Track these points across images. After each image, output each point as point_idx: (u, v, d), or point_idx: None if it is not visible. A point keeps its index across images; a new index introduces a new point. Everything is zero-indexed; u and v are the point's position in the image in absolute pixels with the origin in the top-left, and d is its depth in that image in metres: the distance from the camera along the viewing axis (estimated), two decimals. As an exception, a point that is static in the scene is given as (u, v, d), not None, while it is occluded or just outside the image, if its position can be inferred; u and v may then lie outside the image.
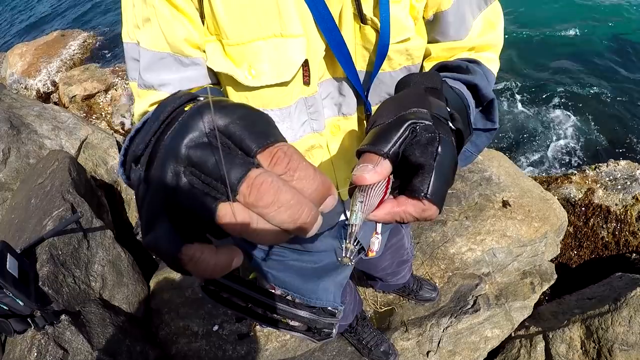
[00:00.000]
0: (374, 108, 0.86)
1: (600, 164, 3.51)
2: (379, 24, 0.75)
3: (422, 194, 0.50)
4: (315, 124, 0.85)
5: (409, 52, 0.82)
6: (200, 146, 0.39)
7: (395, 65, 0.84)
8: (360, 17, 0.75)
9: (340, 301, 1.24)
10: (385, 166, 0.52)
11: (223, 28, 0.70)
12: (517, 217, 2.48)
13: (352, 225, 0.52)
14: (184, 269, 0.39)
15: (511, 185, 2.57)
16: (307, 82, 0.78)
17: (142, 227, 0.41)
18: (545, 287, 2.38)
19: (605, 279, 2.53)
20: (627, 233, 3.14)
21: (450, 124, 0.58)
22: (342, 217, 1.06)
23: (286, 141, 0.41)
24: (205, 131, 0.39)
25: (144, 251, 2.88)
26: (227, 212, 0.37)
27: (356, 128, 0.90)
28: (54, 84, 5.12)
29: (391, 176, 0.54)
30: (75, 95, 4.62)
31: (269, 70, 0.73)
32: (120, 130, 4.47)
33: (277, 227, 0.37)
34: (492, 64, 0.85)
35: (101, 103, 4.69)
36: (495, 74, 0.85)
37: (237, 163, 0.37)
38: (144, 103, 0.78)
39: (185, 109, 0.43)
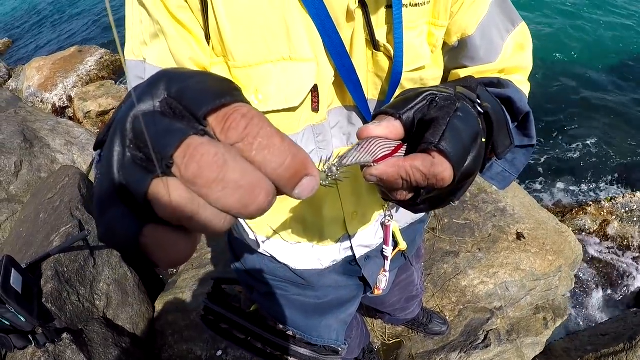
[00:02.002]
0: None
1: (616, 196, 3.47)
2: (392, 51, 0.71)
3: (432, 145, 0.45)
4: (324, 154, 0.79)
5: (423, 81, 0.78)
6: (146, 115, 0.30)
7: None
8: (373, 43, 0.71)
9: (345, 337, 1.18)
10: (394, 124, 0.48)
11: (229, 49, 0.66)
12: (531, 249, 2.42)
13: (341, 155, 0.46)
14: (147, 257, 0.30)
15: (526, 217, 2.52)
16: (315, 109, 0.74)
17: (95, 219, 0.32)
18: (559, 322, 2.32)
19: (619, 314, 2.47)
20: (645, 266, 3.09)
21: (478, 107, 0.53)
22: (350, 253, 1.00)
23: (250, 104, 0.32)
24: (156, 100, 0.31)
25: (151, 272, 2.86)
26: (160, 190, 0.28)
27: None
28: (70, 98, 5.17)
29: (405, 146, 0.50)
30: (90, 111, 4.66)
31: (276, 94, 0.69)
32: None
33: (223, 211, 0.28)
34: (523, 85, 0.81)
35: None
36: (527, 96, 0.80)
37: (176, 128, 0.29)
38: None
39: None
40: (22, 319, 1.81)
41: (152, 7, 0.65)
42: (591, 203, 3.38)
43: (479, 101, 0.55)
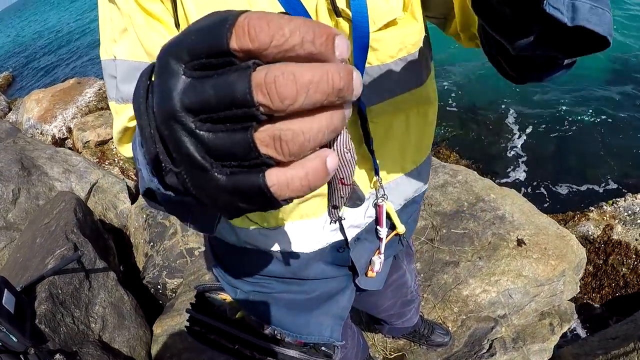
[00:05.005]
0: (370, 108, 0.80)
1: (617, 199, 3.42)
2: (350, 13, 0.70)
3: None
4: None
5: (400, 39, 0.76)
6: (189, 88, 0.29)
7: (385, 58, 0.77)
8: (335, 10, 0.70)
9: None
10: None
11: None
12: (533, 255, 2.37)
13: None
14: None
15: (525, 223, 2.48)
16: None
17: (213, 208, 0.33)
18: (565, 327, 2.25)
19: (628, 317, 2.41)
20: (649, 269, 3.04)
21: None
22: (339, 237, 0.95)
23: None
24: (181, 70, 0.29)
25: (148, 295, 2.83)
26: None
27: (351, 129, 0.81)
28: (69, 130, 5.21)
29: None
30: (88, 141, 4.68)
31: None
32: (132, 177, 4.50)
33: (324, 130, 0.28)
34: None
35: (114, 149, 4.73)
36: None
37: (231, 79, 0.28)
38: (122, 118, 0.72)
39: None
40: (14, 339, 1.78)
41: (122, 1, 0.66)
42: (593, 208, 3.33)
43: None
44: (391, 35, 0.75)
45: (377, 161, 0.86)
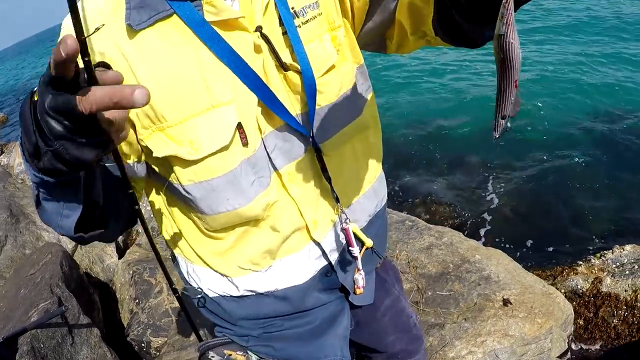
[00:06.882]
0: (323, 144, 0.93)
1: (605, 252, 3.43)
2: (299, 67, 0.83)
3: None
4: (264, 181, 0.88)
5: (339, 79, 0.90)
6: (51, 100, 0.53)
7: (331, 97, 0.90)
8: (282, 66, 0.83)
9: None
10: None
11: (161, 113, 0.78)
12: (519, 314, 2.37)
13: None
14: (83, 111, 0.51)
15: (511, 282, 2.49)
16: (245, 144, 0.83)
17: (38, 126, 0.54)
18: (555, 385, 2.24)
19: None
20: (641, 318, 3.03)
21: None
22: (324, 262, 1.06)
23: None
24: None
25: (132, 353, 2.79)
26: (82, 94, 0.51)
27: (310, 167, 0.94)
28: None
29: None
30: (79, 192, 4.67)
31: (207, 141, 0.79)
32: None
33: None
34: None
35: None
36: None
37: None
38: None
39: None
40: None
41: None
42: (581, 262, 3.34)
43: None
44: (332, 78, 0.89)
45: (336, 189, 0.97)
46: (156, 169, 0.88)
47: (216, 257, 0.98)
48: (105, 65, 0.61)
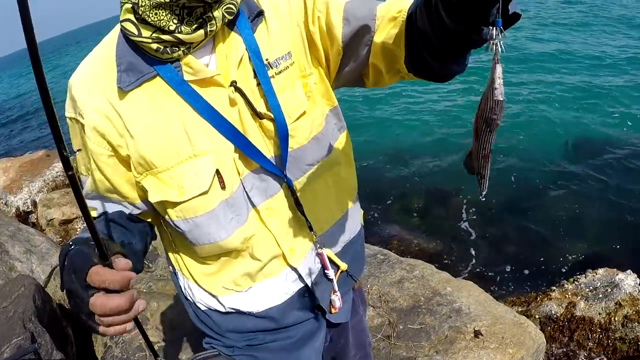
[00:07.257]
0: (297, 181, 1.05)
1: (578, 276, 3.51)
2: (272, 115, 0.94)
3: None
4: (241, 218, 1.00)
5: (309, 124, 1.01)
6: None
7: (302, 140, 1.01)
8: (257, 114, 0.93)
9: None
10: None
11: (150, 160, 0.91)
12: (490, 345, 2.44)
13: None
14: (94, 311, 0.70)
15: (482, 313, 2.56)
16: (223, 187, 0.95)
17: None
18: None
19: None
20: (615, 340, 3.09)
21: None
22: (301, 285, 1.15)
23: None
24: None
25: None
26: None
27: (285, 202, 1.05)
28: (34, 204, 5.19)
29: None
30: (53, 219, 4.68)
31: (191, 185, 0.92)
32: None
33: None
34: None
35: (78, 230, 4.69)
36: None
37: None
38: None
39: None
40: None
41: (84, 157, 0.98)
42: (555, 288, 3.42)
43: None
44: (303, 123, 1.00)
45: (310, 219, 1.09)
46: (154, 206, 1.00)
47: (206, 278, 1.11)
48: (121, 253, 0.79)
